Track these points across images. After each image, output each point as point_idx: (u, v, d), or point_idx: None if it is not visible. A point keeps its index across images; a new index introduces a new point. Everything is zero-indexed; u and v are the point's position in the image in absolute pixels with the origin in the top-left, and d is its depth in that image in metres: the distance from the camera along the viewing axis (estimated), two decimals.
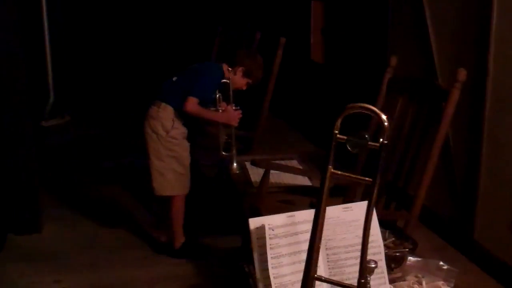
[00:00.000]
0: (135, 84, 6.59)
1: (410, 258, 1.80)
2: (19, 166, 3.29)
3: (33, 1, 5.19)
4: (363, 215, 1.29)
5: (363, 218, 1.29)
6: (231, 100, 3.09)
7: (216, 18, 5.91)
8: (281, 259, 1.55)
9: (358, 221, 1.60)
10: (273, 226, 1.56)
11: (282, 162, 3.07)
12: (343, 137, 1.30)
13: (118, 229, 3.42)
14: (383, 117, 1.26)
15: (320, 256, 1.55)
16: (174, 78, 3.07)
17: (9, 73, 3.17)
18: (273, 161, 2.96)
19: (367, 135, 1.26)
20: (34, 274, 2.89)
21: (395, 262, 1.76)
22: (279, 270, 1.54)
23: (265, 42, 4.09)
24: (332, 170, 1.32)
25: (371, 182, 1.27)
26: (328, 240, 1.60)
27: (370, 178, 1.28)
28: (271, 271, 1.53)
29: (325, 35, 5.10)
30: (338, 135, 1.31)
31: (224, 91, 3.07)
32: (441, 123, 2.17)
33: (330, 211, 1.59)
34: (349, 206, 1.65)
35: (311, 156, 3.27)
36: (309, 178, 2.88)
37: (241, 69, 3.09)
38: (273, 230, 1.55)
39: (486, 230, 2.94)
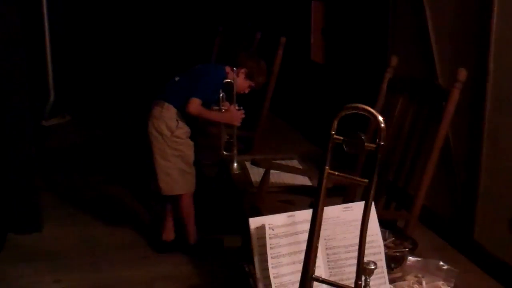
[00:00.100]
0: (135, 84, 6.60)
1: (410, 258, 1.80)
2: (19, 165, 3.29)
3: (33, 0, 5.19)
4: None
5: None
6: (234, 100, 3.09)
7: (216, 18, 5.91)
8: (281, 258, 1.55)
9: (358, 221, 1.58)
10: (273, 226, 1.56)
11: (282, 162, 3.07)
12: (339, 137, 1.30)
13: (118, 229, 3.42)
14: (379, 118, 1.26)
15: (320, 256, 1.55)
16: (176, 78, 3.07)
17: (10, 73, 3.17)
18: (273, 161, 2.96)
19: (363, 136, 1.26)
20: (34, 274, 2.89)
21: (395, 262, 1.76)
22: (279, 269, 1.55)
23: (265, 42, 4.09)
24: (329, 170, 1.32)
25: (367, 183, 1.27)
26: (328, 240, 1.61)
27: (366, 179, 1.28)
28: (271, 271, 1.54)
29: (325, 35, 5.10)
30: (335, 136, 1.31)
31: (227, 91, 3.07)
32: (441, 123, 2.18)
33: (330, 211, 1.59)
34: (349, 206, 1.65)
35: (311, 156, 3.27)
36: (309, 178, 2.88)
37: (244, 70, 3.09)
38: (273, 229, 1.56)
39: (486, 230, 2.94)
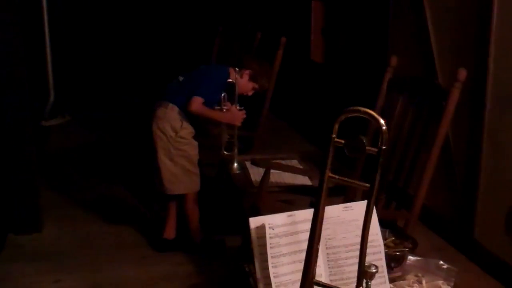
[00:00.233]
0: (135, 84, 6.60)
1: (410, 257, 1.80)
2: (19, 165, 3.29)
3: (33, 0, 5.19)
4: (363, 214, 1.29)
5: (363, 217, 1.28)
6: (236, 100, 3.09)
7: (216, 18, 5.91)
8: (281, 258, 1.55)
9: (358, 221, 1.59)
10: (273, 225, 1.56)
11: (282, 161, 3.07)
12: (341, 141, 1.28)
13: (118, 229, 3.42)
14: (381, 121, 1.24)
15: (321, 255, 1.55)
16: (180, 79, 3.08)
17: (10, 72, 3.17)
18: (273, 161, 2.97)
19: (365, 140, 1.24)
20: (34, 274, 2.89)
21: (395, 262, 1.76)
22: (279, 269, 1.55)
23: (265, 42, 4.09)
24: (330, 174, 1.31)
25: (368, 188, 1.26)
26: (328, 240, 1.61)
27: (368, 184, 1.26)
28: (271, 270, 1.53)
29: (325, 35, 5.10)
30: (336, 139, 1.29)
31: (229, 91, 3.08)
32: (441, 123, 2.17)
33: (330, 211, 1.59)
34: (349, 205, 1.65)
35: (311, 156, 3.27)
36: (309, 178, 2.88)
37: (248, 72, 3.10)
38: (273, 229, 1.56)
39: (486, 229, 2.94)
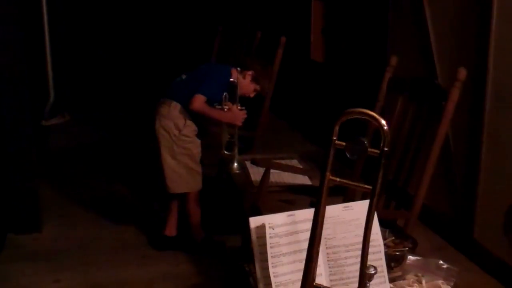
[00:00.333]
0: (135, 83, 6.60)
1: (410, 257, 1.80)
2: (19, 165, 3.29)
3: (33, 0, 5.19)
4: (363, 214, 1.29)
5: (363, 217, 1.28)
6: (237, 100, 3.09)
7: (216, 18, 5.91)
8: (281, 258, 1.55)
9: (358, 220, 1.60)
10: (274, 225, 1.56)
11: (282, 161, 3.07)
12: (341, 143, 1.27)
13: (118, 229, 3.42)
14: (384, 123, 1.23)
15: (321, 255, 1.55)
16: (183, 77, 3.08)
17: (10, 72, 3.17)
18: (273, 160, 2.96)
19: (366, 142, 1.23)
20: (34, 274, 2.89)
21: (395, 261, 1.76)
22: (280, 269, 1.54)
23: (265, 41, 4.09)
24: (331, 177, 1.30)
25: (370, 190, 1.25)
26: (328, 239, 1.61)
27: (369, 186, 1.25)
28: (271, 270, 1.53)
29: (325, 34, 5.10)
30: (336, 141, 1.28)
31: (230, 91, 3.08)
32: (441, 123, 2.18)
33: (330, 210, 1.59)
34: (349, 205, 1.65)
35: (311, 156, 3.27)
36: (309, 178, 2.88)
37: (251, 73, 3.11)
38: (273, 229, 1.55)
39: (486, 229, 2.94)
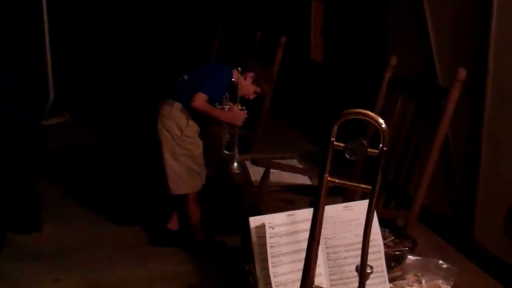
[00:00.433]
0: (135, 83, 6.60)
1: (410, 257, 1.80)
2: (19, 165, 3.29)
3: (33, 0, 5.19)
4: (363, 214, 1.29)
5: (363, 217, 1.29)
6: (237, 100, 3.09)
7: (216, 18, 5.91)
8: (281, 257, 1.55)
9: (358, 220, 1.60)
10: (273, 225, 1.56)
11: (282, 161, 3.07)
12: (340, 144, 1.27)
13: (117, 229, 3.42)
14: (382, 123, 1.23)
15: (320, 255, 1.55)
16: (185, 77, 3.08)
17: (10, 72, 3.17)
18: (273, 160, 2.97)
19: (365, 142, 1.23)
20: (34, 273, 2.89)
21: (394, 261, 1.77)
22: (279, 268, 1.55)
23: (265, 41, 4.09)
24: (329, 178, 1.30)
25: (369, 190, 1.25)
26: (328, 239, 1.61)
27: (369, 186, 1.25)
28: (271, 270, 1.54)
29: (325, 34, 5.10)
30: (335, 142, 1.28)
31: (231, 91, 3.08)
32: (441, 122, 2.18)
33: (330, 210, 1.59)
34: (349, 205, 1.65)
35: (311, 155, 3.27)
36: (309, 177, 2.88)
37: (252, 75, 3.10)
38: (273, 228, 1.56)
39: (485, 229, 2.94)
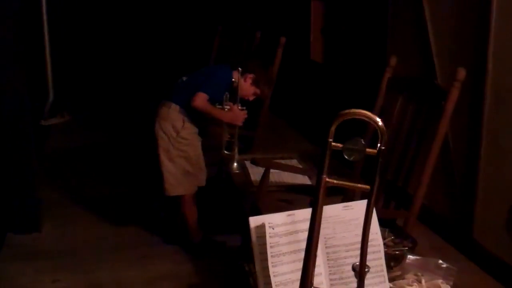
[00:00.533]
0: (135, 83, 6.60)
1: (410, 256, 1.80)
2: (19, 165, 3.29)
3: (33, 0, 5.19)
4: (362, 213, 1.29)
5: (362, 216, 1.29)
6: (237, 100, 3.09)
7: (216, 18, 5.91)
8: (281, 257, 1.55)
9: (358, 220, 1.60)
10: (273, 225, 1.56)
11: (282, 161, 3.07)
12: (338, 145, 1.26)
13: (117, 229, 3.42)
14: (380, 122, 1.23)
15: (320, 254, 1.55)
16: (184, 78, 3.08)
17: (9, 72, 3.17)
18: (273, 160, 2.97)
19: (364, 141, 1.23)
20: (33, 274, 2.89)
21: (394, 261, 1.77)
22: (279, 268, 1.55)
23: (265, 41, 4.09)
24: (327, 179, 1.30)
25: (368, 190, 1.25)
26: (328, 239, 1.61)
27: (368, 186, 1.25)
28: (271, 270, 1.54)
29: (325, 35, 5.10)
30: (333, 143, 1.28)
31: (231, 91, 3.08)
32: (440, 122, 2.18)
33: (330, 210, 1.59)
34: (349, 204, 1.65)
35: (310, 155, 3.27)
36: (309, 177, 2.88)
37: (251, 76, 3.10)
38: (273, 228, 1.56)
39: (485, 229, 2.94)
